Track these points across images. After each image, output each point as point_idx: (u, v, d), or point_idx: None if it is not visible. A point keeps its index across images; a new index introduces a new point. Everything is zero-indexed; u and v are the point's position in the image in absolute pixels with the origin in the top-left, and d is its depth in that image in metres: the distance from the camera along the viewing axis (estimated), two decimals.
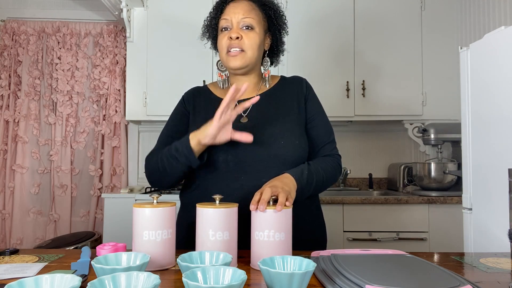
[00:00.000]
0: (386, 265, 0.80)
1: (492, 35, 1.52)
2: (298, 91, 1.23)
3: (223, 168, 1.11)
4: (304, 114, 1.21)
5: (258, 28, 1.17)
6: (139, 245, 0.87)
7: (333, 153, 1.21)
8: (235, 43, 1.15)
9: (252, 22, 1.16)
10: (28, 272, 0.82)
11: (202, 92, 1.28)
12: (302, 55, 2.68)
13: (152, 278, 0.63)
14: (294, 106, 1.20)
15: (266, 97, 1.21)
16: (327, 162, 1.16)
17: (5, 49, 2.95)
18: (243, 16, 1.16)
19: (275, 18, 1.22)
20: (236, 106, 1.03)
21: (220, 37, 1.19)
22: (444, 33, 2.71)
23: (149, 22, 2.71)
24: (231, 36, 1.15)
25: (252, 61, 1.18)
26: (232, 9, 1.18)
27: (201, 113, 1.21)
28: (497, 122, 1.46)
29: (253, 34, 1.16)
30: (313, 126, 1.21)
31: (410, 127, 2.76)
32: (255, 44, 1.16)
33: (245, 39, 1.15)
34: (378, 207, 2.32)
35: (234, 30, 1.16)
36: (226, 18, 1.18)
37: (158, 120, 2.77)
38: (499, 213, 1.44)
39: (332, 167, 1.17)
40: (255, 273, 0.83)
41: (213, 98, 1.24)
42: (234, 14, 1.17)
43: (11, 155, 2.92)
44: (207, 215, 0.88)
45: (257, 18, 1.18)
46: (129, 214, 2.39)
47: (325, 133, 1.21)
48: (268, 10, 1.21)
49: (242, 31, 1.16)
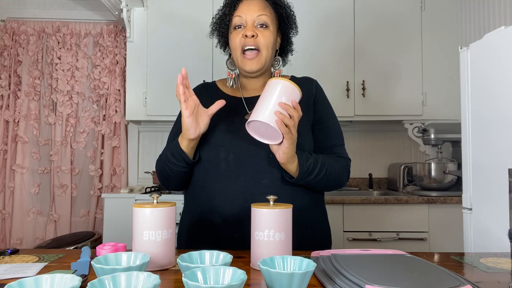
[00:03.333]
0: (386, 265, 0.80)
1: (492, 35, 1.52)
2: (308, 91, 1.21)
3: (224, 167, 1.10)
4: (312, 115, 1.19)
5: (272, 27, 1.15)
6: (139, 245, 0.87)
7: (343, 156, 1.18)
8: (250, 41, 1.12)
9: (267, 20, 1.14)
10: (28, 272, 0.82)
11: (209, 88, 1.27)
12: (302, 55, 2.67)
13: (152, 278, 0.63)
14: (301, 107, 1.19)
15: None
16: (337, 161, 1.14)
17: (5, 49, 2.96)
18: (258, 14, 1.13)
19: (286, 17, 1.20)
20: (215, 103, 1.03)
21: (233, 35, 1.16)
22: (444, 33, 2.71)
23: (149, 22, 2.71)
24: (246, 34, 1.11)
25: (267, 61, 1.16)
26: (247, 6, 1.14)
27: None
28: (497, 122, 1.46)
29: (268, 33, 1.14)
30: (322, 127, 1.18)
31: (410, 127, 2.76)
32: (270, 43, 1.14)
33: (260, 37, 1.12)
34: (378, 207, 2.32)
35: (249, 28, 1.12)
36: (240, 15, 1.14)
37: (158, 120, 2.77)
38: (499, 213, 1.44)
39: (341, 167, 1.14)
40: (255, 273, 0.83)
41: (219, 94, 1.23)
42: (249, 12, 1.13)
43: (11, 155, 2.92)
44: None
45: (271, 17, 1.16)
46: (129, 214, 2.40)
47: (335, 136, 1.19)
48: (280, 9, 1.19)
49: (257, 29, 1.13)
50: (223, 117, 1.16)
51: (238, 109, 1.18)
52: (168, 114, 2.65)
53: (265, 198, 1.03)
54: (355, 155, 2.98)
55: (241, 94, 1.22)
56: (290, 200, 1.07)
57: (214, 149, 1.11)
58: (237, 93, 1.23)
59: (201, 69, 2.66)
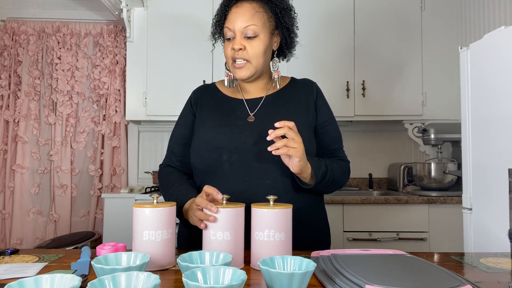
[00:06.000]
0: (386, 265, 0.80)
1: (492, 35, 1.52)
2: (308, 94, 1.22)
3: (227, 168, 1.10)
4: (314, 118, 1.20)
5: (262, 34, 1.14)
6: (139, 245, 0.87)
7: (344, 159, 1.22)
8: (239, 54, 1.12)
9: (255, 29, 1.12)
10: (28, 272, 0.82)
11: (210, 90, 1.27)
12: (302, 55, 2.67)
13: (152, 278, 0.63)
14: (303, 109, 1.19)
15: (274, 98, 1.20)
16: (340, 165, 1.17)
17: (5, 49, 2.95)
18: (245, 25, 1.11)
19: (282, 15, 1.18)
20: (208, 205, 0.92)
21: (225, 46, 1.18)
22: (444, 33, 2.71)
23: (149, 22, 2.71)
24: (233, 48, 1.12)
25: (258, 69, 1.16)
26: (234, 17, 1.13)
27: (209, 112, 1.20)
28: (497, 122, 1.46)
29: (257, 42, 1.13)
30: (325, 131, 1.21)
31: (410, 127, 2.76)
32: (259, 52, 1.13)
33: (248, 49, 1.12)
34: (378, 207, 2.32)
35: (237, 41, 1.12)
36: (228, 27, 1.14)
37: (158, 120, 2.77)
38: (499, 213, 1.44)
39: (343, 171, 1.18)
40: (255, 273, 0.83)
41: (220, 96, 1.24)
42: (236, 23, 1.12)
43: (11, 155, 2.92)
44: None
45: (260, 23, 1.13)
46: (129, 214, 2.40)
47: (336, 140, 1.23)
48: (275, 7, 1.17)
49: (245, 40, 1.13)
50: (225, 119, 1.16)
51: (240, 111, 1.18)
52: (168, 114, 2.65)
53: (262, 197, 1.03)
54: (355, 155, 2.98)
55: (241, 95, 1.22)
56: (292, 199, 1.08)
57: (216, 151, 1.11)
58: (238, 94, 1.23)
59: (201, 69, 2.66)
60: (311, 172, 1.06)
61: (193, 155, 1.16)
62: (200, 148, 1.14)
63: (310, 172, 1.06)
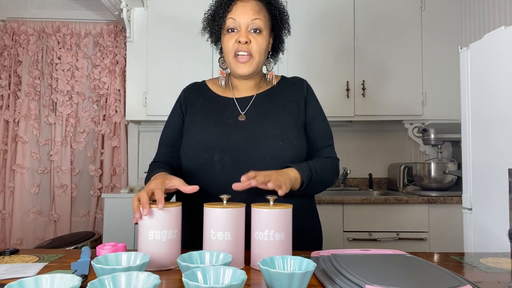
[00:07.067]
0: (386, 265, 0.80)
1: (492, 35, 1.52)
2: (298, 92, 1.21)
3: (219, 169, 1.10)
4: (304, 116, 1.19)
5: (265, 31, 1.14)
6: (144, 245, 0.86)
7: (332, 156, 1.20)
8: (244, 47, 1.11)
9: (261, 25, 1.12)
10: (28, 272, 0.82)
11: (200, 88, 1.27)
12: (302, 55, 2.68)
13: (152, 278, 0.63)
14: (293, 107, 1.19)
15: (265, 96, 1.20)
16: (327, 164, 1.16)
17: (5, 49, 2.95)
18: (253, 18, 1.10)
19: (280, 19, 1.19)
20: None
21: (226, 38, 1.14)
22: (444, 33, 2.71)
23: (149, 22, 2.71)
24: (239, 40, 1.10)
25: (259, 66, 1.16)
26: (241, 9, 1.11)
27: (199, 111, 1.20)
28: (497, 122, 1.46)
29: (261, 38, 1.13)
30: (312, 128, 1.19)
31: (410, 127, 2.76)
32: (263, 49, 1.13)
33: (253, 43, 1.11)
34: (378, 207, 2.32)
35: (243, 33, 1.11)
36: (234, 18, 1.12)
37: (158, 120, 2.77)
38: (499, 213, 1.44)
39: (331, 169, 1.16)
40: (255, 273, 0.83)
41: (211, 95, 1.23)
42: (243, 15, 1.11)
43: (11, 155, 2.92)
44: (214, 215, 0.88)
45: (264, 20, 1.14)
46: (129, 214, 2.39)
47: (324, 136, 1.20)
48: (274, 10, 1.17)
49: (251, 34, 1.12)
50: (216, 119, 1.15)
51: (230, 110, 1.18)
52: (168, 114, 2.63)
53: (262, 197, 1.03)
54: (355, 155, 2.98)
55: (232, 94, 1.21)
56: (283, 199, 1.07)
57: (208, 151, 1.10)
58: (228, 93, 1.22)
59: (201, 69, 2.66)
60: (300, 181, 1.05)
61: (184, 156, 1.15)
62: (191, 148, 1.13)
63: (298, 184, 1.05)
